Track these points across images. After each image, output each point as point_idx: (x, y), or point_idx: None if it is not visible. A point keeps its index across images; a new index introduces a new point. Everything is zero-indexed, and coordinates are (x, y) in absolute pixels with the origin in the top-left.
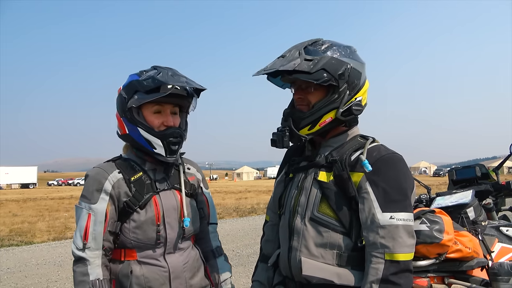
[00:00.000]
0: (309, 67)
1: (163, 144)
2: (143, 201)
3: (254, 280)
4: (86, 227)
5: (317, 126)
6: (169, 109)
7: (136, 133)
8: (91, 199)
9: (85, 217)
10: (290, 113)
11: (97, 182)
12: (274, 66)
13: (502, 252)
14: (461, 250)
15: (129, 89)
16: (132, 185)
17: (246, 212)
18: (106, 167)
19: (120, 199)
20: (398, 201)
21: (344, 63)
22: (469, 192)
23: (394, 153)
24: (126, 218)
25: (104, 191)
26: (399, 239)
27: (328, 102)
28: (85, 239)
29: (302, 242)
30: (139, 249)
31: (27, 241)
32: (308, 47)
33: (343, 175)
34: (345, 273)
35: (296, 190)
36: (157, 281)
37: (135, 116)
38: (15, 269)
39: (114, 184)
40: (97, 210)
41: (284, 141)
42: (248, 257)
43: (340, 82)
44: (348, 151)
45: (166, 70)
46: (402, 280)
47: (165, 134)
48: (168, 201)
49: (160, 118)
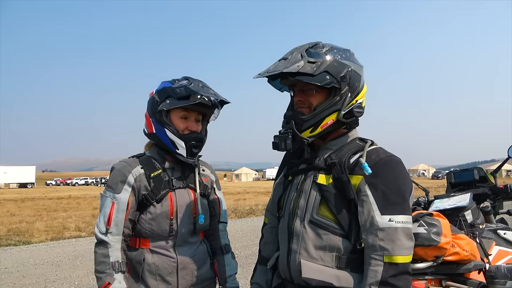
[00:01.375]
0: (313, 69)
1: (185, 146)
2: (160, 196)
3: (253, 282)
4: (110, 214)
5: (319, 128)
6: (194, 116)
7: (163, 133)
8: (115, 189)
9: (109, 205)
10: (292, 116)
11: (122, 175)
12: (277, 68)
13: (499, 255)
14: (458, 253)
15: (162, 94)
16: (152, 180)
17: (244, 213)
18: (131, 162)
19: (140, 192)
20: (397, 204)
21: (346, 65)
22: (467, 195)
23: (393, 156)
24: (143, 210)
25: (127, 183)
26: (398, 241)
27: (330, 104)
28: (108, 224)
29: (301, 245)
30: (153, 239)
31: (25, 241)
32: (309, 50)
33: (343, 178)
34: (344, 276)
35: (295, 193)
36: (166, 270)
37: (164, 118)
38: (13, 269)
39: (136, 178)
40: (121, 199)
41: (287, 144)
42: (246, 258)
43: (342, 84)
44: (347, 153)
45: (197, 82)
46: (401, 282)
47: (188, 137)
48: (182, 198)
49: (186, 123)
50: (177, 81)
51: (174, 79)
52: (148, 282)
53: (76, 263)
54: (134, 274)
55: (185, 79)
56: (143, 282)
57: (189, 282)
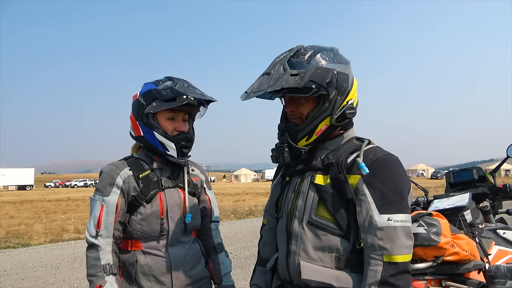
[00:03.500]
0: (297, 82)
1: (176, 147)
2: (149, 196)
3: (252, 284)
4: (99, 217)
5: (313, 135)
6: (181, 116)
7: (151, 136)
8: (104, 192)
9: (98, 208)
10: (285, 128)
11: (110, 177)
12: (262, 87)
13: (499, 254)
14: (458, 253)
15: (147, 96)
16: (140, 181)
17: (244, 214)
18: (119, 164)
19: (129, 193)
20: (395, 203)
21: (330, 70)
22: (466, 195)
23: (390, 154)
24: (134, 211)
25: (116, 185)
26: (397, 240)
27: (321, 111)
28: (98, 227)
29: (300, 246)
30: (144, 239)
31: (24, 243)
32: (291, 60)
33: (340, 177)
34: (344, 276)
35: (293, 194)
36: (159, 270)
37: (151, 121)
38: (11, 272)
39: (125, 180)
40: (109, 202)
41: (284, 157)
42: (246, 259)
43: (330, 89)
44: (344, 153)
45: (182, 82)
46: (401, 281)
47: (178, 138)
48: (171, 198)
49: (173, 124)
50: (161, 82)
51: (157, 80)
52: (141, 283)
53: (75, 265)
54: (127, 276)
55: (168, 80)
56: (137, 284)
57: (184, 282)
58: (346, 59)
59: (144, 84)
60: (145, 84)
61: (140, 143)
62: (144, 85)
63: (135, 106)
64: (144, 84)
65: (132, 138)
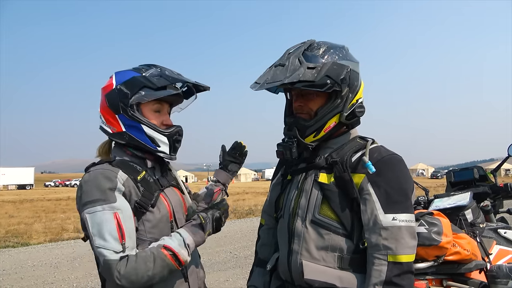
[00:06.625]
0: (313, 76)
1: (169, 142)
2: (154, 200)
3: (249, 285)
4: (119, 227)
5: (322, 132)
6: (166, 108)
7: (138, 130)
8: (108, 200)
9: (110, 218)
10: (294, 122)
11: (108, 181)
12: (277, 78)
13: (500, 254)
14: (459, 253)
15: (132, 84)
16: (139, 184)
17: (243, 213)
18: (109, 167)
19: (131, 199)
20: (400, 202)
21: (345, 66)
22: (467, 194)
23: (394, 154)
24: (139, 219)
25: (118, 190)
26: (402, 240)
27: (332, 107)
28: (122, 239)
29: (303, 245)
30: None
31: (23, 242)
32: (306, 53)
33: (345, 176)
34: (347, 276)
35: (295, 192)
36: (175, 278)
37: (136, 113)
38: (11, 271)
39: (124, 183)
40: (123, 206)
41: (292, 153)
42: (245, 259)
43: (343, 86)
44: (348, 152)
45: (169, 69)
46: (405, 281)
47: (171, 132)
48: (173, 197)
49: (160, 117)
50: (144, 70)
51: (135, 67)
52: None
53: (75, 264)
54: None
55: (150, 67)
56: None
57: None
58: (356, 58)
59: (118, 72)
60: (119, 72)
61: (121, 140)
62: (118, 73)
63: (113, 97)
64: (118, 72)
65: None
